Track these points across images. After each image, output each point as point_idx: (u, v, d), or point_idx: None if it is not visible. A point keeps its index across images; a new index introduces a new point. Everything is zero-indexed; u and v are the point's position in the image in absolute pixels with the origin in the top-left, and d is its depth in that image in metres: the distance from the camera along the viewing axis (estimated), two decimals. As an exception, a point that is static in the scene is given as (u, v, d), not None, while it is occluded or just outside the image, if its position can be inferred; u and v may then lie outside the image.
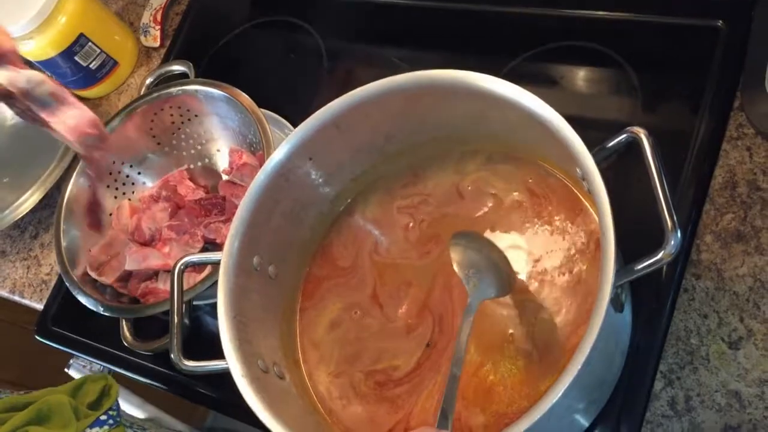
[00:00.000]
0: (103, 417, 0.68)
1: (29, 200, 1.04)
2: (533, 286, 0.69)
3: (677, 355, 0.70)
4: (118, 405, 0.71)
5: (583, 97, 0.87)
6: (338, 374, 0.73)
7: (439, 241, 0.75)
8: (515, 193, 0.73)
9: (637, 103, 0.81)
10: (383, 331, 0.73)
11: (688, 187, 0.74)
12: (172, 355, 0.70)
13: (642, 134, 0.59)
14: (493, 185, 0.75)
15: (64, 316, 1.01)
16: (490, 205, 0.74)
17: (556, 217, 0.71)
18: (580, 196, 0.70)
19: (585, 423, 0.69)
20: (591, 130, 0.74)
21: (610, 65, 0.84)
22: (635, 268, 0.56)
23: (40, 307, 1.03)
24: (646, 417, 0.68)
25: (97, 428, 0.67)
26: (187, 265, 0.73)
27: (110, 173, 0.95)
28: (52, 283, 1.04)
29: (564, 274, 0.68)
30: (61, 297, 1.01)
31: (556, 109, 0.61)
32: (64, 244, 0.89)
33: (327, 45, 1.02)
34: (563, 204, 0.71)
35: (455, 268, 0.66)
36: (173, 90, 0.91)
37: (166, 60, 1.11)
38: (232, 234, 0.70)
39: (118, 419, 0.70)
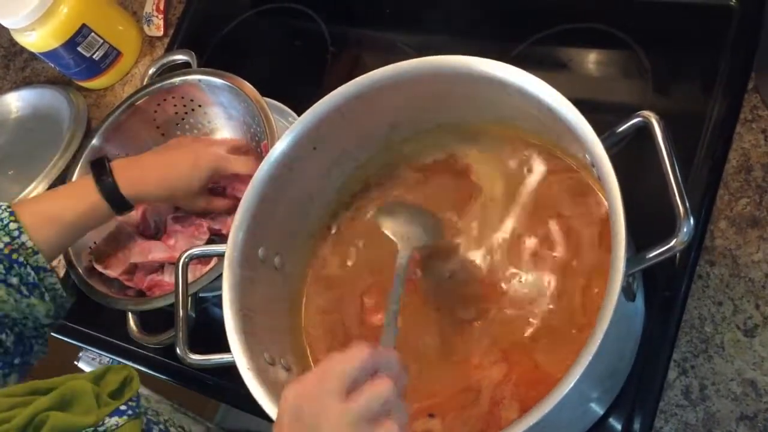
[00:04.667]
0: (123, 407, 0.67)
1: (34, 192, 1.03)
2: (547, 276, 0.68)
3: (691, 344, 0.68)
4: (138, 397, 0.70)
5: (593, 81, 0.85)
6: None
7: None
8: (525, 179, 0.72)
9: (648, 86, 0.79)
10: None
11: (701, 172, 0.72)
12: (177, 350, 0.69)
13: (653, 118, 0.57)
14: (501, 171, 0.73)
15: (71, 309, 1.00)
16: (497, 190, 0.73)
17: (564, 205, 0.69)
18: (590, 183, 0.68)
19: (600, 411, 0.68)
20: (601, 113, 0.73)
21: (619, 47, 0.82)
22: (647, 257, 0.55)
23: (47, 300, 1.02)
24: (660, 406, 0.67)
25: (116, 417, 0.66)
26: (191, 258, 0.73)
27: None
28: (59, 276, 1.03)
29: (575, 264, 0.67)
30: (68, 289, 1.00)
31: (565, 94, 0.59)
32: (69, 237, 0.88)
33: (331, 31, 1.00)
34: (571, 191, 0.69)
35: (385, 231, 0.68)
36: (176, 80, 0.90)
37: (170, 49, 1.10)
38: (236, 225, 0.69)
39: (138, 410, 0.69)
